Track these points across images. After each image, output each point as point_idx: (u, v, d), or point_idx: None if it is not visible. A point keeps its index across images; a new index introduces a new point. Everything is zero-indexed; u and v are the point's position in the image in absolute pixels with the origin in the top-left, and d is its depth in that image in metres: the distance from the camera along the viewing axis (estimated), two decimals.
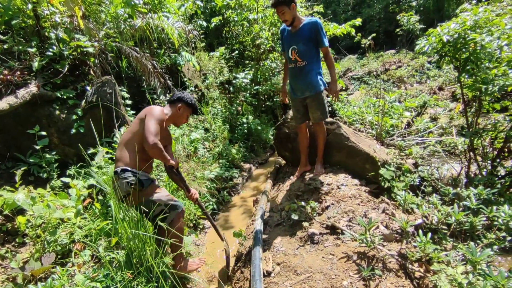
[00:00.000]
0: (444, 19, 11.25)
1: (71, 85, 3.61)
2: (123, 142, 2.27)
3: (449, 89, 8.65)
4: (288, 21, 2.98)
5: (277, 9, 2.93)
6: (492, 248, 1.91)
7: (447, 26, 2.76)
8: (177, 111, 2.49)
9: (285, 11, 2.90)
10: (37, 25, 3.47)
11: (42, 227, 2.54)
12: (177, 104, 2.49)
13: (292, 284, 2.05)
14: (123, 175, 2.16)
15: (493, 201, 2.40)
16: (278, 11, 2.94)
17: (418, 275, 1.99)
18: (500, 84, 2.45)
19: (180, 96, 2.52)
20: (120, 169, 2.18)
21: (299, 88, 3.16)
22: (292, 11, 2.92)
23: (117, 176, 2.17)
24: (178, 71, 5.50)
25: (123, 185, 2.14)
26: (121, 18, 4.51)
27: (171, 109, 2.50)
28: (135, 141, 2.23)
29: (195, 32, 6.12)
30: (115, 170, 2.21)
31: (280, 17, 2.99)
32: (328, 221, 2.58)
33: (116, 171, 2.20)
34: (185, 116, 2.56)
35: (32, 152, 3.19)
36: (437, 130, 4.39)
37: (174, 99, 2.51)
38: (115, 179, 2.20)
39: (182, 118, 2.55)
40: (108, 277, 2.08)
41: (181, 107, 2.49)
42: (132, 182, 2.14)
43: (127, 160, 2.21)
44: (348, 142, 3.34)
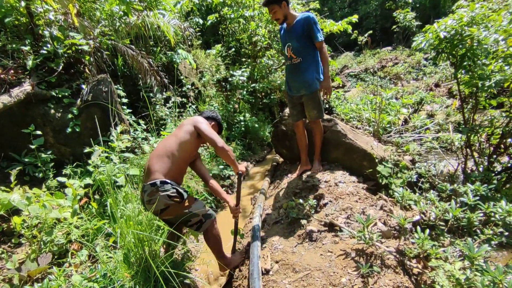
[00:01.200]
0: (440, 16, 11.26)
1: (66, 83, 3.57)
2: (162, 153, 2.19)
3: (446, 86, 8.68)
4: (279, 19, 2.97)
5: (268, 8, 2.93)
6: (489, 243, 1.92)
7: (444, 23, 2.76)
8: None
9: (276, 9, 2.89)
10: (31, 23, 3.42)
11: (38, 227, 2.52)
12: (210, 121, 2.54)
13: (291, 281, 2.04)
14: (163, 188, 2.06)
15: (490, 197, 2.41)
16: (269, 10, 2.94)
17: (416, 272, 2.00)
18: (496, 80, 2.46)
19: (214, 115, 2.61)
20: (159, 181, 2.07)
21: (295, 86, 3.14)
22: (283, 9, 2.90)
23: (156, 189, 2.06)
24: (175, 69, 5.46)
25: (163, 198, 2.04)
26: (116, 16, 4.46)
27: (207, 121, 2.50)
28: (179, 152, 2.20)
29: (191, 30, 6.08)
30: (153, 182, 2.07)
31: (272, 16, 2.98)
32: (326, 218, 2.58)
33: (155, 183, 2.07)
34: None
35: (27, 152, 3.15)
36: (434, 127, 4.41)
37: (208, 116, 2.57)
38: (151, 191, 2.06)
39: None
40: (105, 277, 2.06)
41: (214, 126, 2.55)
42: (172, 195, 2.07)
43: (165, 171, 2.13)
44: (345, 139, 3.34)
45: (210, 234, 2.30)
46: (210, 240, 2.32)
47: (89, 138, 3.48)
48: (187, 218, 2.17)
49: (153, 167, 2.14)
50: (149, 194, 2.07)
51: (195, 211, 2.19)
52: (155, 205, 2.03)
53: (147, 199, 2.09)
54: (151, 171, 2.14)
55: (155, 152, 2.24)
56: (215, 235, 2.33)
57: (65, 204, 2.68)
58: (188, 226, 2.25)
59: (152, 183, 2.08)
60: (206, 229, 2.28)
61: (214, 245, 2.34)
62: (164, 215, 2.14)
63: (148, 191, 2.08)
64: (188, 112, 5.46)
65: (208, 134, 2.27)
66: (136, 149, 3.99)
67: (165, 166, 2.15)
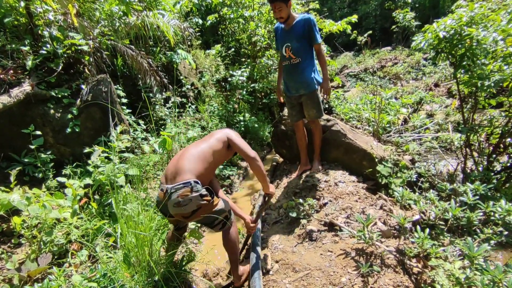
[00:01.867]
0: (439, 16, 11.28)
1: (66, 83, 3.57)
2: (195, 155, 2.11)
3: (445, 86, 8.69)
4: (283, 18, 2.95)
5: (275, 5, 2.88)
6: (489, 243, 1.92)
7: (443, 22, 2.76)
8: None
9: (282, 8, 2.87)
10: (30, 23, 3.42)
11: (38, 228, 2.52)
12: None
13: (291, 281, 2.05)
14: (196, 188, 1.94)
15: (489, 196, 2.41)
16: (275, 7, 2.89)
17: (416, 271, 2.00)
18: (495, 80, 2.46)
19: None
20: (193, 181, 1.95)
21: (294, 86, 3.15)
22: (288, 8, 2.90)
23: (190, 188, 1.93)
24: (174, 69, 5.46)
25: (196, 199, 1.93)
26: (115, 16, 4.46)
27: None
28: (212, 158, 2.15)
29: (191, 30, 6.08)
30: (187, 182, 1.94)
31: (276, 14, 2.95)
32: (326, 218, 2.58)
33: (189, 182, 1.94)
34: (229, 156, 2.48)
35: (27, 152, 3.15)
36: (433, 126, 4.42)
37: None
38: (184, 192, 1.92)
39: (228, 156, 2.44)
40: (105, 277, 2.06)
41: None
42: (205, 193, 1.97)
43: (198, 173, 2.03)
44: (345, 139, 3.34)
45: (232, 232, 2.21)
46: (230, 239, 2.20)
47: (89, 138, 3.48)
48: (214, 217, 2.07)
49: (183, 167, 2.01)
50: (181, 195, 1.90)
51: (223, 207, 2.13)
52: (187, 206, 1.91)
53: (176, 200, 1.91)
54: (181, 171, 2.00)
55: (184, 155, 2.13)
56: (235, 233, 2.24)
57: (65, 204, 2.68)
58: (214, 226, 2.13)
59: (185, 183, 1.93)
60: (229, 226, 2.19)
61: (233, 246, 2.21)
62: (193, 217, 2.01)
63: (179, 191, 1.91)
64: (188, 112, 5.46)
65: (240, 145, 2.24)
66: (136, 149, 3.99)
67: (198, 168, 2.04)
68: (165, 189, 1.98)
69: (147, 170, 3.77)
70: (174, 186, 1.94)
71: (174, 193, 1.92)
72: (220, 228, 2.17)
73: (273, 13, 2.99)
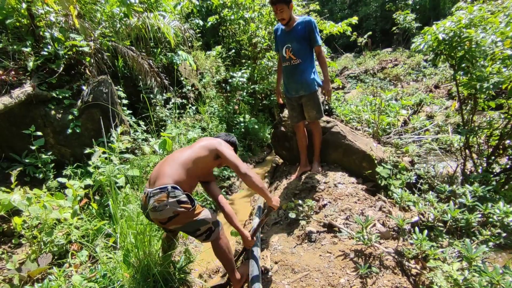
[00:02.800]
0: (440, 18, 11.30)
1: (67, 84, 3.59)
2: (176, 161, 2.06)
3: (445, 87, 8.70)
4: (285, 20, 2.97)
5: (276, 6, 2.89)
6: (487, 244, 1.93)
7: (442, 25, 2.77)
8: None
9: (284, 9, 2.89)
10: (32, 25, 3.44)
11: (38, 228, 2.53)
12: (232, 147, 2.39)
13: (290, 282, 2.05)
14: (173, 193, 1.89)
15: (488, 198, 2.41)
16: (277, 8, 2.90)
17: (415, 272, 2.01)
18: (494, 82, 2.47)
19: (233, 140, 2.50)
20: (170, 186, 1.91)
21: (294, 87, 3.16)
22: (290, 10, 2.93)
23: (166, 194, 1.88)
24: (175, 70, 5.48)
25: (172, 205, 1.87)
26: (116, 17, 4.48)
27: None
28: (194, 165, 2.08)
29: (192, 31, 6.10)
30: (164, 187, 1.90)
31: (278, 15, 2.95)
32: (325, 219, 2.59)
33: (166, 187, 1.89)
34: None
35: (27, 153, 3.17)
36: (433, 128, 4.42)
37: (227, 140, 2.44)
38: (161, 197, 1.87)
39: None
40: (105, 277, 2.07)
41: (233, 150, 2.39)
42: (183, 200, 1.91)
43: (177, 179, 1.97)
44: (345, 140, 3.35)
45: (221, 243, 2.12)
46: (220, 250, 2.13)
47: (90, 139, 3.49)
48: (196, 227, 2.01)
49: (163, 172, 1.98)
50: (158, 200, 1.87)
51: (205, 217, 2.03)
52: (163, 212, 1.86)
53: (153, 205, 1.87)
54: (161, 175, 1.97)
55: (167, 160, 2.11)
56: (225, 244, 2.15)
57: (65, 205, 2.69)
58: (197, 236, 2.05)
59: (162, 188, 1.90)
60: (215, 238, 2.11)
61: (224, 255, 2.15)
62: (171, 224, 1.94)
63: (156, 196, 1.88)
64: (188, 113, 5.47)
65: (230, 158, 2.14)
66: (136, 150, 4.00)
67: (177, 173, 1.99)
68: (146, 193, 1.96)
69: (148, 171, 3.78)
70: (153, 190, 1.90)
71: (152, 197, 1.89)
72: (204, 239, 2.07)
73: (275, 15, 3.01)
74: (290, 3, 2.87)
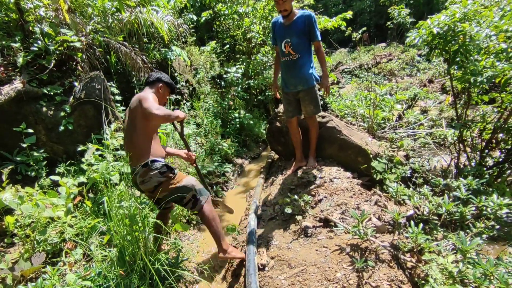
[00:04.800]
0: (433, 12, 11.34)
1: (58, 81, 3.52)
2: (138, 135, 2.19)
3: (439, 82, 8.75)
4: (287, 11, 2.93)
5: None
6: (481, 237, 1.95)
7: (437, 19, 2.77)
8: (158, 91, 2.43)
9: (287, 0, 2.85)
10: (21, 19, 3.36)
11: (31, 227, 2.49)
12: (157, 84, 2.43)
13: (287, 277, 2.06)
14: (154, 166, 2.16)
15: (482, 191, 2.44)
16: (279, 1, 2.86)
17: (410, 265, 2.03)
18: (488, 76, 2.48)
19: (159, 76, 2.46)
20: (150, 161, 2.17)
21: (292, 82, 3.15)
22: (291, 1, 2.89)
23: (148, 169, 2.15)
24: (169, 66, 5.42)
25: (155, 176, 2.16)
26: (108, 12, 4.40)
27: (152, 90, 2.41)
28: (147, 130, 2.21)
29: (185, 26, 6.03)
30: (146, 163, 2.16)
31: (280, 6, 2.90)
32: (321, 214, 2.60)
33: (147, 163, 2.16)
34: (166, 96, 2.52)
35: (19, 150, 3.11)
36: (427, 122, 4.44)
37: (153, 80, 2.43)
38: (144, 172, 2.15)
39: (164, 98, 2.50)
40: (100, 275, 2.05)
41: (162, 87, 2.45)
42: (164, 170, 2.18)
43: (150, 151, 2.19)
44: (340, 135, 3.36)
45: (207, 212, 2.30)
46: (208, 219, 2.30)
47: (82, 136, 3.44)
48: (182, 195, 2.23)
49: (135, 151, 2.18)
50: (141, 175, 2.16)
51: (187, 184, 2.26)
52: (148, 183, 2.16)
53: (139, 180, 2.17)
54: (135, 155, 2.17)
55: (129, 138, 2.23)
56: (212, 213, 2.33)
57: (59, 203, 2.65)
58: (185, 204, 2.28)
59: (144, 164, 2.16)
60: (202, 207, 2.29)
61: (212, 224, 2.30)
62: (158, 192, 2.18)
63: (140, 172, 2.16)
64: (182, 109, 5.42)
65: (145, 105, 2.11)
66: None
67: (146, 146, 2.19)
68: (133, 170, 2.20)
69: None
70: (138, 167, 2.17)
71: (137, 174, 2.18)
72: (192, 207, 2.28)
73: (277, 6, 2.95)
74: None
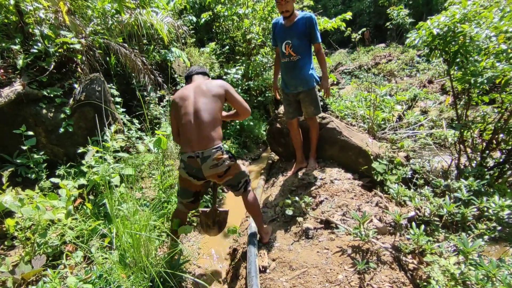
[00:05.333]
0: (433, 13, 11.37)
1: (58, 83, 3.51)
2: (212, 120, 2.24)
3: (439, 82, 8.76)
4: (289, 11, 2.94)
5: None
6: (483, 238, 1.94)
7: (436, 20, 2.77)
8: None
9: (289, 0, 2.87)
10: (21, 22, 3.36)
11: (31, 229, 2.48)
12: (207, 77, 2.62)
13: (288, 279, 2.05)
14: (225, 150, 2.25)
15: (483, 192, 2.43)
16: (281, 1, 2.88)
17: (412, 267, 2.02)
18: (488, 76, 2.48)
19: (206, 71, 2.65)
20: (221, 145, 2.24)
21: (293, 83, 3.15)
22: (292, 2, 2.91)
23: (221, 152, 2.22)
24: (168, 68, 5.42)
25: (227, 160, 2.23)
26: (108, 14, 4.40)
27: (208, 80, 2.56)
28: (219, 116, 2.31)
29: (185, 28, 6.03)
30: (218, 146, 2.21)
31: (282, 6, 2.91)
32: (322, 215, 2.59)
33: (219, 147, 2.22)
34: None
35: (19, 153, 3.10)
36: (427, 123, 4.44)
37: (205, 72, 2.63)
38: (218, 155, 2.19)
39: None
40: (101, 278, 2.04)
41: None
42: (231, 155, 2.30)
43: (219, 136, 2.27)
44: (340, 136, 3.35)
45: (253, 195, 2.46)
46: (252, 201, 2.43)
47: (83, 138, 3.44)
48: (240, 178, 2.38)
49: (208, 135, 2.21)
50: (216, 158, 2.19)
51: (244, 169, 2.42)
52: (221, 166, 2.21)
53: (212, 163, 2.18)
54: (208, 138, 2.20)
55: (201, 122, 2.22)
56: (255, 196, 2.49)
57: (59, 205, 2.64)
58: (238, 188, 2.39)
59: (217, 147, 2.21)
60: (250, 191, 2.45)
61: (255, 206, 2.45)
62: (226, 176, 2.29)
63: (214, 155, 2.18)
64: None
65: (241, 103, 2.44)
66: (131, 148, 3.95)
67: (219, 132, 2.27)
68: (197, 155, 2.19)
69: (142, 170, 3.74)
70: (207, 150, 2.18)
71: (208, 157, 2.18)
72: (243, 192, 2.41)
73: (278, 6, 2.96)
74: None
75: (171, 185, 3.42)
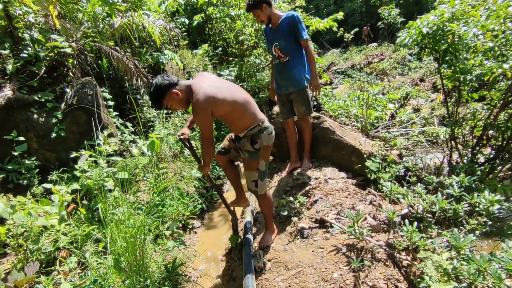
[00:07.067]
0: (423, 12, 11.49)
1: (49, 87, 3.48)
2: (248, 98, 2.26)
3: (430, 80, 8.86)
4: (264, 21, 3.07)
5: (251, 13, 3.05)
6: (474, 233, 1.97)
7: (426, 19, 2.81)
8: None
9: (258, 13, 3.00)
10: (10, 26, 3.32)
11: (24, 236, 2.45)
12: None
13: (284, 279, 2.06)
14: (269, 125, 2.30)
15: (474, 187, 2.47)
16: (253, 14, 3.06)
17: (406, 264, 2.04)
18: (477, 74, 2.52)
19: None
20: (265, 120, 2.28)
21: (284, 84, 3.17)
22: (265, 11, 2.99)
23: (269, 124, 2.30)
24: (161, 70, 5.40)
25: (273, 134, 2.32)
26: (99, 17, 4.37)
27: None
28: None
29: (177, 30, 6.02)
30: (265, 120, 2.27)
31: (257, 19, 3.10)
32: (317, 215, 2.60)
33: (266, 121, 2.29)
34: None
35: (10, 159, 3.07)
36: (419, 121, 4.49)
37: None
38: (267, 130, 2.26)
39: None
40: (96, 283, 2.03)
41: None
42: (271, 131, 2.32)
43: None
44: (334, 135, 3.37)
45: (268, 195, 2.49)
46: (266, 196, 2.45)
47: (75, 142, 3.41)
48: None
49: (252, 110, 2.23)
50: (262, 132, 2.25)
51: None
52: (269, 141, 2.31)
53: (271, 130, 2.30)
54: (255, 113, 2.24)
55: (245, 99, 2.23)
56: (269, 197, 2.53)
57: (52, 211, 2.62)
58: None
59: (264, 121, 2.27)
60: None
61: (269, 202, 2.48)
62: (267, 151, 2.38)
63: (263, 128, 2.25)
64: (176, 113, 5.40)
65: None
66: (124, 152, 3.93)
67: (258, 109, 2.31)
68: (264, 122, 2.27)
69: (136, 173, 3.72)
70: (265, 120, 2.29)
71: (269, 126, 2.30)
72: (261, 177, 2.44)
73: (256, 18, 3.12)
74: (262, 5, 2.94)
75: (166, 188, 3.40)
